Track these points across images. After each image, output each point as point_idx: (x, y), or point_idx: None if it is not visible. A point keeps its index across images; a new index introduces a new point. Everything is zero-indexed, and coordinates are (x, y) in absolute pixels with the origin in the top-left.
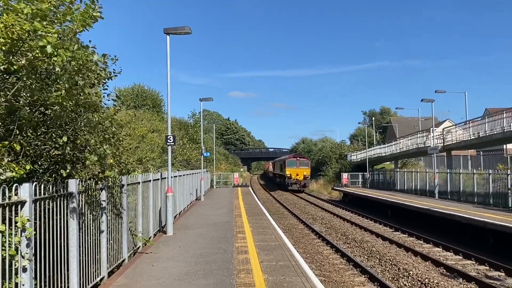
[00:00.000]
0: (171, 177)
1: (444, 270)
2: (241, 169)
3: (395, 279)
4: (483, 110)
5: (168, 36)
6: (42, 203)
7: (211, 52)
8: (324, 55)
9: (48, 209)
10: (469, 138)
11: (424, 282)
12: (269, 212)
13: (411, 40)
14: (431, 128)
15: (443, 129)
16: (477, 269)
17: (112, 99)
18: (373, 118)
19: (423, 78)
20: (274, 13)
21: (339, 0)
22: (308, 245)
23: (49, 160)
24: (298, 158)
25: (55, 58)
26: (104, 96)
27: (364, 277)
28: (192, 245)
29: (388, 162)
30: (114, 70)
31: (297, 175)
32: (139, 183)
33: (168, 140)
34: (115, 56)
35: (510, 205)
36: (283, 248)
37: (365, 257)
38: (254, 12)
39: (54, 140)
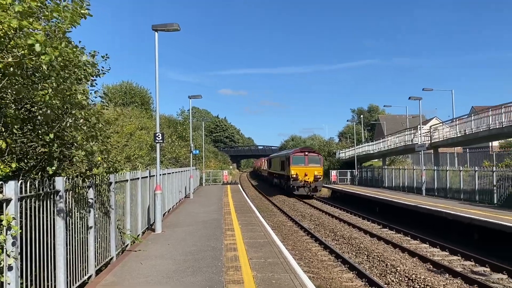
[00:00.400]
0: (160, 174)
1: (431, 266)
2: (231, 167)
3: (382, 275)
4: (469, 108)
5: (156, 33)
6: (28, 201)
7: (200, 50)
8: (313, 53)
9: (35, 207)
10: (455, 136)
11: (411, 278)
12: (258, 209)
13: (399, 39)
14: (419, 126)
15: (430, 126)
16: (463, 264)
17: (99, 96)
18: (362, 116)
19: (411, 76)
20: (263, 11)
21: None
22: (297, 242)
23: (35, 157)
24: (306, 153)
25: (42, 57)
26: (91, 93)
27: (352, 274)
28: (181, 243)
29: (376, 160)
30: (103, 67)
31: (306, 175)
32: (127, 181)
33: (157, 138)
34: (106, 54)
35: (495, 202)
36: (272, 245)
37: (353, 253)
38: (243, 10)
39: (40, 137)
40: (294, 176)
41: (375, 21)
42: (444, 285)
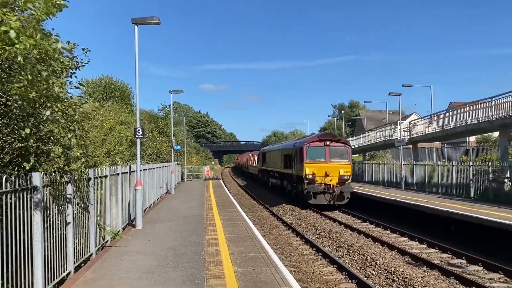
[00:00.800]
0: (140, 170)
1: (410, 259)
2: (213, 162)
3: (362, 268)
4: (447, 104)
5: (136, 26)
6: (4, 197)
7: (182, 44)
8: (295, 48)
9: (11, 203)
10: (434, 131)
11: (390, 271)
12: (240, 204)
13: (380, 35)
14: (398, 121)
15: (409, 122)
16: (440, 257)
17: (75, 86)
18: (343, 111)
19: (391, 72)
20: (246, 6)
21: None
22: (278, 237)
23: (11, 153)
24: (328, 142)
25: (17, 46)
26: (67, 84)
27: (333, 267)
28: (162, 238)
29: (357, 155)
30: (82, 60)
31: (327, 175)
32: (106, 176)
33: (137, 133)
34: (87, 47)
35: (471, 195)
36: (253, 239)
37: (334, 247)
38: (225, 4)
39: (16, 132)
40: (310, 177)
41: (356, 17)
42: (422, 277)
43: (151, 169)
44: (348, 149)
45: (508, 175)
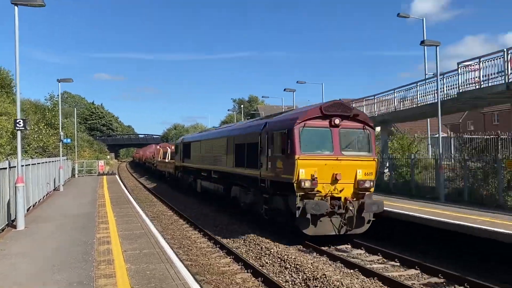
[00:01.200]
0: (22, 165)
1: (301, 246)
2: (108, 157)
3: (258, 257)
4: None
5: (16, 7)
6: None
7: (72, 30)
8: (194, 41)
9: None
10: None
11: (283, 259)
12: (137, 200)
13: (274, 34)
14: None
15: None
16: (329, 244)
17: None
18: (242, 106)
19: (287, 69)
20: None
21: None
22: (177, 231)
23: None
24: (337, 120)
25: None
26: None
27: (230, 258)
28: (48, 239)
29: None
30: None
31: (336, 179)
32: None
33: (17, 125)
34: None
35: None
36: (148, 235)
37: (231, 239)
38: None
39: None
40: (307, 184)
41: (250, 14)
42: (312, 263)
43: (35, 164)
44: (370, 133)
45: (387, 165)
